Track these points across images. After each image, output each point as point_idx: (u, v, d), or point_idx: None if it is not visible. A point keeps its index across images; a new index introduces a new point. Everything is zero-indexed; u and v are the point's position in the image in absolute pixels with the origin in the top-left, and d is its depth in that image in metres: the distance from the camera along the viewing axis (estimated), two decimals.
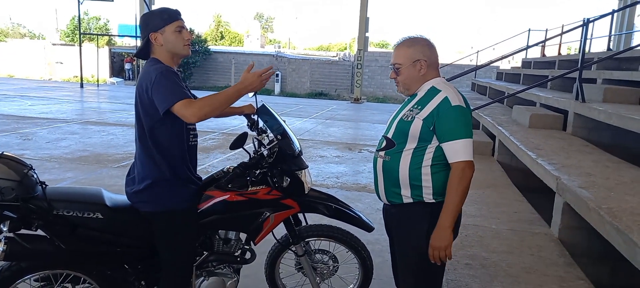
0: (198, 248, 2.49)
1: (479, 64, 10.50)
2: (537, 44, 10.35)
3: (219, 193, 2.39)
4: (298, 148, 2.54)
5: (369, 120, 13.70)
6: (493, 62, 8.94)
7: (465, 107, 1.97)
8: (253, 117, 2.69)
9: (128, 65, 29.43)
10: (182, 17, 2.23)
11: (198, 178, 2.41)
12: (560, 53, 11.61)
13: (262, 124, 2.66)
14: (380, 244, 3.94)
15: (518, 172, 5.06)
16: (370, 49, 25.75)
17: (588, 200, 2.78)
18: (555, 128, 5.52)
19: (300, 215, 2.72)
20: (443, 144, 1.94)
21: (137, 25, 21.57)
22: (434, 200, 1.99)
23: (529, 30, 12.87)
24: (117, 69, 30.44)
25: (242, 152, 2.57)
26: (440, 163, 1.97)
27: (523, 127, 5.71)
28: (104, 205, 2.23)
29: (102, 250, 2.26)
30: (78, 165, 6.53)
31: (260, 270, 2.91)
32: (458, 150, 1.90)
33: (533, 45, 9.82)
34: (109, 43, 31.13)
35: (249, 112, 2.69)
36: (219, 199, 2.38)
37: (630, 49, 7.13)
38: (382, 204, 2.24)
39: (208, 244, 2.53)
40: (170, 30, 2.17)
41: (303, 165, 2.53)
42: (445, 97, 1.95)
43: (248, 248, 2.64)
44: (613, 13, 7.67)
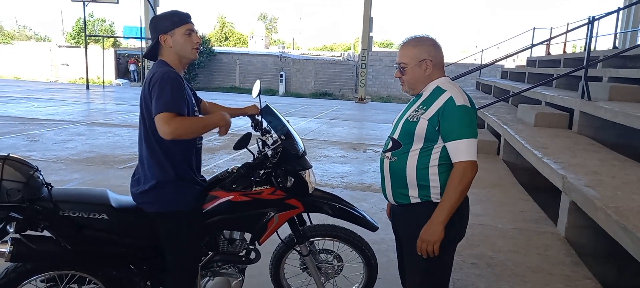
0: (203, 248, 2.49)
1: (484, 63, 10.47)
2: (542, 43, 10.27)
3: (224, 193, 2.40)
4: (302, 148, 2.54)
5: (374, 120, 13.68)
6: (498, 61, 8.92)
7: (470, 106, 1.96)
8: (257, 117, 2.70)
9: (132, 67, 29.57)
10: (192, 20, 2.24)
11: (202, 179, 2.41)
12: (566, 51, 11.55)
13: (266, 125, 2.66)
14: (386, 244, 3.93)
15: (524, 171, 5.04)
16: (375, 49, 25.71)
17: (595, 199, 2.76)
18: (561, 127, 5.49)
19: (305, 215, 2.72)
20: (447, 144, 1.93)
21: (142, 27, 21.72)
22: None
23: (534, 29, 12.84)
24: (122, 71, 30.58)
25: (247, 152, 2.58)
26: (447, 163, 1.96)
27: (528, 125, 5.68)
28: (110, 206, 2.24)
29: (107, 251, 2.27)
30: (84, 167, 6.57)
31: (266, 270, 2.91)
32: (461, 150, 1.90)
33: (538, 44, 9.78)
34: (115, 45, 31.33)
35: (253, 112, 2.69)
36: (224, 199, 2.38)
37: (636, 47, 7.09)
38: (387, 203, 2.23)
39: (213, 244, 2.53)
40: (180, 33, 2.19)
41: (307, 165, 2.53)
42: (450, 96, 1.94)
43: (253, 248, 2.64)
44: (618, 11, 7.61)
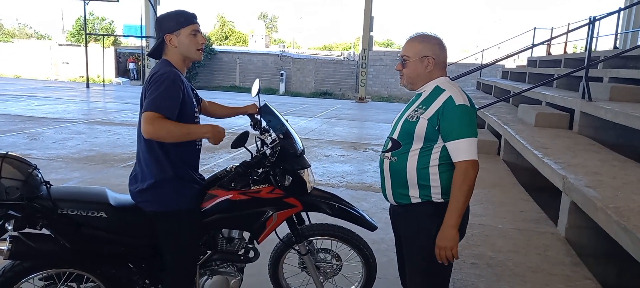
0: (202, 247, 2.49)
1: (484, 63, 10.46)
2: (542, 43, 10.27)
3: (222, 192, 2.39)
4: (300, 147, 2.54)
5: (374, 120, 13.67)
6: (498, 61, 8.92)
7: (470, 106, 1.95)
8: (256, 116, 2.69)
9: (132, 65, 29.57)
10: (198, 21, 2.24)
11: (201, 178, 2.41)
12: (566, 51, 11.54)
13: (264, 124, 2.66)
14: (386, 243, 3.93)
15: (524, 171, 5.03)
16: (375, 48, 25.72)
17: (595, 200, 2.75)
18: (562, 127, 5.49)
19: (304, 215, 2.72)
20: (447, 143, 1.92)
21: (142, 26, 21.72)
22: (443, 200, 1.98)
23: (535, 29, 12.81)
24: (122, 69, 30.60)
25: (248, 152, 2.57)
26: (448, 162, 1.96)
27: (529, 126, 5.67)
28: (108, 205, 2.23)
29: (106, 249, 2.27)
30: (84, 165, 6.56)
31: (265, 270, 2.91)
32: (462, 150, 1.89)
33: (539, 44, 9.76)
34: (115, 43, 31.29)
35: (252, 111, 2.69)
36: (223, 198, 2.38)
37: (637, 47, 7.08)
38: (387, 203, 2.23)
39: (211, 243, 2.53)
40: (186, 33, 2.19)
41: (306, 164, 2.53)
42: (450, 96, 1.94)
43: (251, 247, 2.64)
44: (619, 11, 7.60)
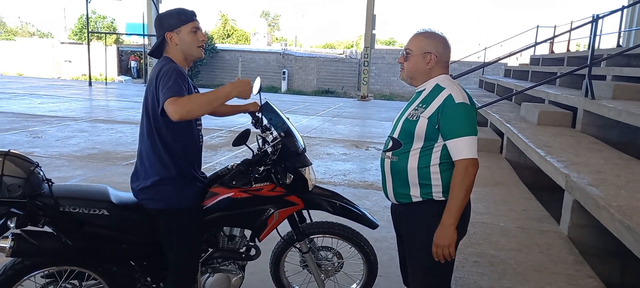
0: (203, 245, 2.49)
1: (487, 61, 10.43)
2: (545, 41, 10.20)
3: (224, 190, 2.39)
4: (302, 145, 2.54)
5: (376, 118, 13.67)
6: (501, 59, 8.88)
7: (469, 104, 1.94)
8: (257, 114, 2.69)
9: (133, 64, 29.62)
10: (197, 18, 2.24)
11: (203, 176, 2.41)
12: (569, 50, 11.50)
13: (266, 122, 2.65)
14: (388, 242, 3.93)
15: (526, 169, 5.02)
16: (377, 46, 25.69)
17: (598, 198, 2.74)
18: (564, 125, 5.46)
19: (305, 213, 2.72)
20: (447, 142, 1.92)
21: (144, 24, 21.75)
22: (444, 198, 1.97)
23: (538, 27, 12.77)
24: (125, 67, 30.62)
25: (250, 150, 2.57)
26: (448, 161, 1.95)
27: (531, 124, 5.66)
28: (110, 202, 2.24)
29: (108, 247, 2.27)
30: (87, 163, 6.58)
31: (266, 267, 2.91)
32: (461, 148, 1.88)
33: (541, 42, 9.70)
34: (117, 41, 31.32)
35: (253, 109, 2.69)
36: (224, 196, 2.38)
37: None
38: (389, 201, 2.22)
39: (213, 241, 2.53)
40: (186, 31, 2.20)
41: (307, 162, 2.53)
42: (449, 94, 1.93)
43: (253, 244, 2.64)
44: (623, 9, 7.57)
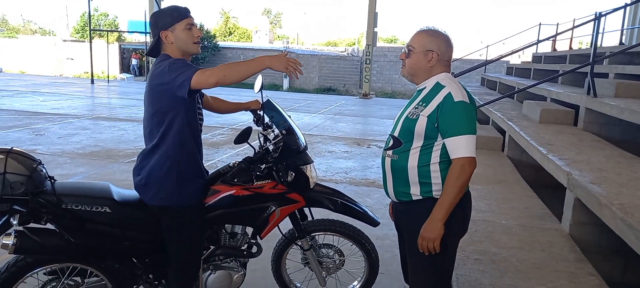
0: (205, 242, 2.50)
1: (489, 59, 10.41)
2: (548, 39, 10.17)
3: (226, 188, 2.40)
4: (303, 143, 2.54)
5: (378, 116, 13.66)
6: (503, 57, 8.86)
7: (469, 102, 1.94)
8: (259, 112, 2.70)
9: (134, 61, 29.66)
10: (191, 15, 2.25)
11: (206, 173, 2.42)
12: (572, 47, 11.47)
13: (267, 120, 2.66)
14: (389, 239, 3.93)
15: (528, 167, 5.02)
16: (379, 44, 25.64)
17: (600, 196, 2.74)
18: (566, 123, 5.45)
19: (306, 210, 2.72)
20: (445, 140, 1.92)
21: (146, 22, 21.75)
22: None
23: (540, 25, 12.72)
24: (126, 65, 30.61)
25: (251, 148, 2.57)
26: (448, 159, 1.95)
27: (533, 122, 5.65)
28: (112, 200, 2.24)
29: (110, 244, 2.28)
30: (89, 161, 6.59)
31: (268, 265, 2.91)
32: (459, 146, 1.88)
33: (544, 40, 9.68)
34: (119, 39, 31.33)
35: (255, 107, 2.70)
36: (226, 194, 2.39)
37: None
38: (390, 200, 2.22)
39: (215, 238, 2.54)
40: (181, 28, 2.20)
41: (308, 160, 2.53)
42: (449, 92, 1.93)
43: (254, 242, 2.65)
44: (625, 7, 7.54)
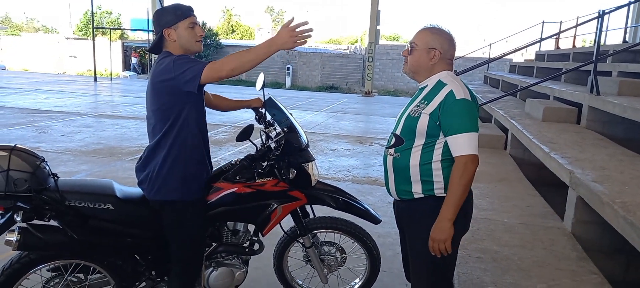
0: (207, 239, 2.51)
1: (492, 57, 10.39)
2: (551, 37, 10.14)
3: (228, 185, 2.41)
4: (305, 141, 2.55)
5: (380, 114, 13.65)
6: (506, 55, 8.83)
7: (471, 100, 1.94)
8: (261, 110, 2.70)
9: (134, 60, 29.77)
10: (194, 13, 2.25)
11: (211, 167, 2.42)
12: (575, 45, 11.42)
13: (269, 117, 2.67)
14: (391, 237, 3.94)
15: (531, 165, 5.01)
16: (382, 42, 25.55)
17: (602, 194, 2.74)
18: (569, 121, 5.44)
19: (308, 208, 2.73)
20: (447, 138, 1.92)
21: (149, 19, 21.78)
22: (445, 194, 1.97)
23: (543, 23, 12.67)
24: (129, 63, 30.72)
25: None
26: (450, 157, 1.95)
27: (536, 120, 5.64)
28: (115, 197, 2.26)
29: (112, 241, 2.29)
30: (92, 158, 6.62)
31: (270, 262, 2.92)
32: (461, 144, 1.88)
33: (547, 38, 9.65)
34: (122, 37, 31.38)
35: (257, 105, 2.70)
36: (228, 191, 2.39)
37: None
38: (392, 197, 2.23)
39: (217, 235, 2.55)
40: (183, 27, 2.20)
41: (310, 158, 2.54)
42: (450, 90, 1.93)
43: (256, 239, 2.66)
44: (629, 4, 7.51)
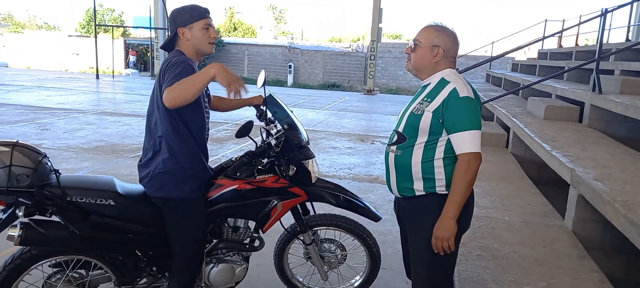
0: (208, 235, 2.51)
1: (494, 55, 10.36)
2: (553, 35, 10.11)
3: (228, 182, 2.41)
4: (305, 138, 2.55)
5: (382, 112, 13.64)
6: (508, 53, 8.80)
7: (474, 98, 1.94)
8: (262, 107, 2.71)
9: (132, 58, 29.86)
10: (210, 15, 2.28)
11: (209, 167, 2.43)
12: (578, 44, 11.39)
13: (270, 115, 2.67)
14: (392, 235, 3.94)
15: (532, 164, 5.00)
16: (384, 40, 25.51)
17: (603, 193, 2.73)
18: (571, 120, 5.43)
19: (308, 205, 2.73)
20: (451, 135, 1.92)
21: (151, 17, 21.82)
22: (447, 192, 1.98)
23: (546, 21, 12.64)
24: (128, 61, 30.81)
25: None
26: (453, 155, 1.95)
27: (538, 119, 5.63)
28: (116, 193, 2.26)
29: (114, 237, 2.30)
30: (94, 155, 6.63)
31: (270, 259, 2.93)
32: (465, 142, 1.88)
33: (549, 36, 9.62)
34: (124, 35, 31.40)
35: (258, 102, 2.71)
36: (228, 188, 2.40)
37: None
38: (393, 195, 2.23)
39: (217, 232, 2.56)
40: (198, 27, 2.24)
41: (310, 155, 2.54)
42: (454, 88, 1.93)
43: (257, 236, 2.66)
44: (632, 2, 7.47)
